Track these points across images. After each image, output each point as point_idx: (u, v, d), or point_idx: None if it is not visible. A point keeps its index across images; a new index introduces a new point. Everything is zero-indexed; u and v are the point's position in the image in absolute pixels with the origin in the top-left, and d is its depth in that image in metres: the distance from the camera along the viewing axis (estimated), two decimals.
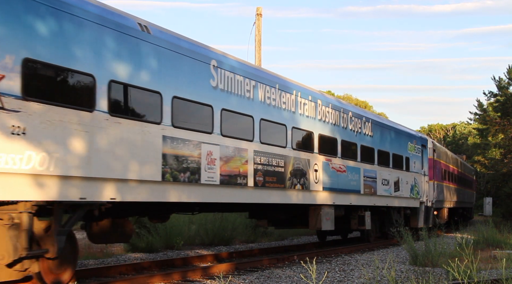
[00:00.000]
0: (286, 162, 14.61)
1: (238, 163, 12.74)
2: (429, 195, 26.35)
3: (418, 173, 24.60)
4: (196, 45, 12.08)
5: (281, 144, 14.56)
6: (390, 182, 21.24)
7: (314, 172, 15.82)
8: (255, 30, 24.33)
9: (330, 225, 16.92)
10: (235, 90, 12.86)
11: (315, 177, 15.86)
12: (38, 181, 8.33)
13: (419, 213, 24.97)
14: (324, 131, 16.60)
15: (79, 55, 9.06)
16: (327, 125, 16.79)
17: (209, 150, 11.81)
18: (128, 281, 10.85)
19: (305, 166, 15.46)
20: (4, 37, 7.93)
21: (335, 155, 17.24)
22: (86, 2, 9.45)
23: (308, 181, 15.54)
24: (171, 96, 10.98)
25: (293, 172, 14.86)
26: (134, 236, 18.13)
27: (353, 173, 18.24)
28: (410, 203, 23.73)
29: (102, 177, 9.39)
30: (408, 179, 23.22)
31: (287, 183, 14.62)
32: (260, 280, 11.71)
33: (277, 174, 14.19)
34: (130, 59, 10.10)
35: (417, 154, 24.73)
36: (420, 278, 10.33)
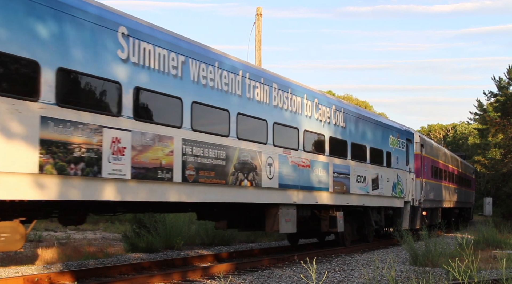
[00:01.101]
0: (229, 154, 12.31)
1: (160, 153, 10.44)
2: (416, 194, 23.87)
3: (402, 169, 22.12)
4: (99, 8, 9.71)
5: (222, 132, 12.24)
6: (367, 179, 18.85)
7: (267, 166, 13.56)
8: (255, 30, 24.24)
9: (291, 227, 14.78)
10: (156, 66, 10.53)
11: (269, 172, 13.62)
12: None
13: (404, 214, 22.52)
14: (281, 119, 14.29)
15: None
16: (285, 113, 14.47)
17: (115, 137, 9.53)
18: (128, 281, 10.68)
19: (255, 159, 13.18)
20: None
21: (296, 147, 14.89)
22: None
23: (259, 177, 13.26)
24: (55, 67, 8.66)
25: (238, 165, 12.57)
26: (134, 236, 18.14)
27: (319, 168, 15.91)
28: (393, 203, 21.30)
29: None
30: (389, 176, 20.76)
31: (230, 179, 12.29)
32: (260, 280, 11.56)
33: (216, 168, 11.87)
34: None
35: (401, 149, 22.24)
36: (420, 278, 10.07)
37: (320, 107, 16.18)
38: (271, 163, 13.76)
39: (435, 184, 28.31)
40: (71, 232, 24.49)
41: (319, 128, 16.10)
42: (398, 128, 22.38)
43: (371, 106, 72.85)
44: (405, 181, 22.36)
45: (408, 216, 22.78)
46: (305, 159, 15.22)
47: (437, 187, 28.89)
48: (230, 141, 12.45)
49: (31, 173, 8.26)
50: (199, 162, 11.49)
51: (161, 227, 17.99)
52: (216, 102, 12.14)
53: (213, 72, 12.09)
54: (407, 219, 22.66)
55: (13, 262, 13.87)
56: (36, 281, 10.41)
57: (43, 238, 20.52)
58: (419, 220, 24.24)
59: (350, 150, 17.80)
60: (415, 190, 23.76)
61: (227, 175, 12.28)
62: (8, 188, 8.02)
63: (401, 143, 22.20)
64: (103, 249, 16.89)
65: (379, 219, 20.64)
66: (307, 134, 15.46)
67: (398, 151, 21.84)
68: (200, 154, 11.52)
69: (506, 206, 43.91)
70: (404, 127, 23.71)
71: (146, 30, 10.56)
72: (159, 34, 10.89)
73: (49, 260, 14.36)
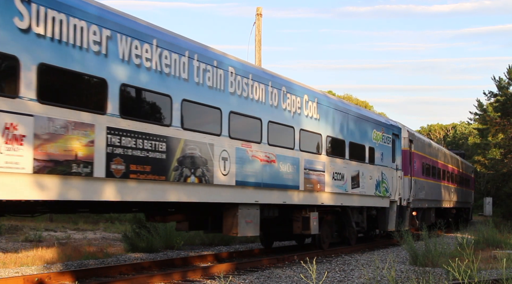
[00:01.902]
0: (171, 146, 10.56)
1: (76, 143, 8.74)
2: (404, 193, 22.04)
3: (387, 166, 20.34)
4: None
5: (162, 121, 10.50)
6: (345, 176, 17.12)
7: (221, 161, 11.83)
8: (255, 30, 24.19)
9: (252, 230, 13.10)
10: (71, 40, 8.81)
11: (223, 167, 11.89)
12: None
13: (389, 214, 20.67)
14: (239, 108, 12.54)
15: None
16: (245, 101, 12.75)
17: (10, 123, 7.87)
18: (128, 281, 10.58)
19: (205, 153, 11.42)
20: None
21: (259, 140, 13.19)
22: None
23: (210, 173, 11.53)
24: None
25: (183, 159, 10.84)
26: (134, 236, 18.12)
27: (287, 164, 14.20)
28: (376, 202, 19.52)
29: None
30: (372, 174, 18.98)
31: (172, 174, 10.54)
32: (260, 280, 11.46)
33: (153, 162, 10.10)
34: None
35: (386, 145, 20.41)
36: (420, 278, 10.02)
37: (288, 97, 14.49)
38: (226, 157, 12.03)
39: (427, 183, 26.49)
40: (71, 232, 24.44)
41: (287, 120, 14.38)
42: (383, 123, 20.63)
43: (371, 106, 72.55)
44: (390, 179, 20.66)
45: (395, 216, 20.99)
46: (269, 154, 13.51)
47: (430, 186, 27.09)
48: (172, 131, 10.67)
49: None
50: (130, 154, 9.71)
51: (161, 227, 17.67)
52: (154, 86, 10.35)
53: (150, 51, 10.29)
54: (393, 219, 20.90)
55: (13, 262, 13.88)
56: (36, 281, 10.24)
57: (43, 238, 20.36)
58: (408, 220, 22.58)
59: (325, 144, 16.10)
60: (403, 188, 22.03)
61: (168, 170, 10.51)
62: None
63: (386, 138, 20.47)
64: (103, 249, 16.80)
65: (361, 220, 18.96)
66: (273, 126, 13.76)
67: (383, 146, 20.13)
68: (132, 145, 9.74)
69: (506, 206, 43.74)
70: (391, 121, 22.02)
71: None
72: (73, 1, 9.05)
73: (49, 260, 14.12)
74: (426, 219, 26.59)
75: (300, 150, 14.82)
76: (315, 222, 15.70)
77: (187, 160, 11.03)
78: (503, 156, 40.60)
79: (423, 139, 27.35)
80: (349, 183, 17.44)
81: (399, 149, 21.74)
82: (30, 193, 8.22)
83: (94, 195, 9.21)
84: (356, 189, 17.84)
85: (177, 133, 10.82)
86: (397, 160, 21.52)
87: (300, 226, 15.58)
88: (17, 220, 25.91)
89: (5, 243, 18.87)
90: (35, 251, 16.00)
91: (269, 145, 13.59)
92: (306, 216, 15.53)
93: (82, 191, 8.99)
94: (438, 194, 29.30)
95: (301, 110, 15.03)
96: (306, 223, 15.51)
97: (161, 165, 10.38)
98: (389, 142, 20.76)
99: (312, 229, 15.55)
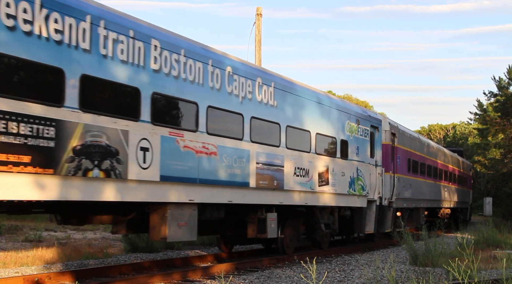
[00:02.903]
0: (64, 132, 8.45)
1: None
2: (385, 191, 19.85)
3: (363, 162, 18.13)
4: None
5: (48, 99, 8.32)
6: (311, 172, 14.95)
7: (139, 152, 9.68)
8: (255, 30, 24.16)
9: (187, 234, 10.98)
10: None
11: (143, 159, 9.74)
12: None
13: (367, 215, 18.53)
14: (165, 90, 10.36)
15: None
16: (173, 81, 10.55)
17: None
18: (128, 281, 10.45)
19: (115, 141, 9.25)
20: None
21: (194, 129, 11.02)
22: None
23: (124, 165, 9.35)
24: None
25: (82, 149, 8.69)
26: (134, 236, 18.13)
27: (233, 157, 12.04)
28: (351, 202, 17.34)
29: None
30: (345, 170, 16.80)
31: (64, 167, 8.41)
32: (260, 280, 11.33)
33: (35, 151, 7.99)
34: None
35: (363, 138, 18.20)
36: (420, 278, 9.82)
37: (236, 79, 12.32)
38: (147, 147, 9.89)
39: (415, 181, 24.17)
40: (71, 232, 24.37)
41: (233, 105, 12.22)
42: (360, 113, 18.34)
43: (371, 106, 72.40)
44: (368, 176, 18.43)
45: (374, 217, 18.86)
46: (209, 144, 11.36)
47: (418, 184, 24.78)
48: (66, 113, 8.52)
49: None
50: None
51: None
52: (38, 57, 8.20)
53: (30, 12, 8.13)
54: (372, 221, 18.78)
55: (13, 262, 13.88)
56: (36, 281, 10.08)
57: (43, 238, 20.22)
58: (390, 222, 20.43)
59: (285, 135, 13.90)
60: (384, 186, 19.81)
61: (59, 162, 8.36)
62: None
63: (363, 130, 18.22)
64: (103, 249, 16.71)
65: (332, 222, 16.74)
66: (213, 112, 11.60)
67: (359, 139, 17.88)
68: (1, 129, 7.60)
69: (506, 206, 43.56)
70: (369, 112, 19.84)
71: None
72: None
73: (49, 260, 13.91)
74: (414, 220, 24.25)
75: (251, 141, 12.66)
76: (273, 224, 13.65)
77: (89, 150, 8.85)
78: (503, 156, 40.40)
79: (410, 133, 24.77)
80: (316, 180, 15.22)
81: (379, 143, 19.56)
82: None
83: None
84: (324, 186, 15.67)
85: (73, 116, 8.65)
86: (376, 155, 19.33)
87: (256, 229, 13.52)
88: (17, 220, 25.89)
89: (5, 243, 18.78)
90: (35, 251, 15.89)
91: (209, 134, 11.39)
92: (262, 217, 13.48)
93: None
94: (429, 193, 26.98)
95: (253, 95, 12.83)
96: (262, 225, 13.46)
97: (48, 155, 8.22)
98: (367, 135, 18.50)
99: (269, 232, 13.46)
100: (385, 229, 19.95)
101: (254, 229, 13.59)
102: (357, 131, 17.75)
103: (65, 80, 8.61)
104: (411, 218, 24.12)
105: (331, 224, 16.75)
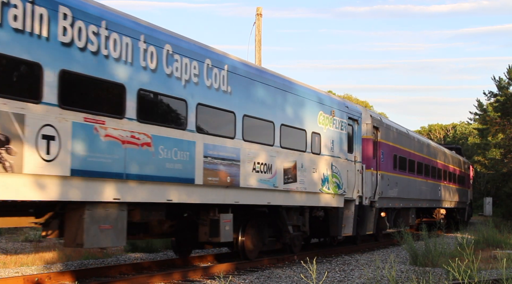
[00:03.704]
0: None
1: None
2: (366, 190, 18.11)
3: (340, 157, 16.29)
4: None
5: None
6: (274, 168, 13.21)
7: (41, 141, 8.01)
8: (255, 30, 24.16)
9: (111, 239, 9.34)
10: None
11: (45, 149, 8.08)
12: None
13: (345, 216, 16.68)
14: (79, 67, 8.67)
15: None
16: (92, 58, 8.88)
17: None
18: (128, 281, 10.26)
19: (5, 127, 7.62)
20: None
21: (119, 115, 9.30)
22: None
23: (17, 157, 7.72)
24: None
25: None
26: None
27: (173, 150, 10.27)
28: (324, 201, 15.50)
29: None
30: (316, 166, 14.99)
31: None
32: (260, 280, 11.16)
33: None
34: None
35: (339, 131, 16.38)
36: (421, 278, 9.78)
37: (177, 59, 10.54)
38: (52, 135, 8.21)
39: (402, 179, 22.32)
40: None
41: (174, 89, 10.45)
42: (335, 104, 16.40)
43: (371, 106, 72.56)
44: (345, 173, 16.58)
45: (353, 218, 17.07)
46: (140, 134, 9.65)
47: (407, 183, 22.95)
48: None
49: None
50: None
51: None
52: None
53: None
54: (350, 222, 16.96)
55: (13, 262, 13.88)
56: (36, 281, 9.99)
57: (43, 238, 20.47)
58: (373, 223, 18.80)
59: (242, 126, 12.23)
60: (365, 184, 18.07)
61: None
62: None
63: (339, 122, 16.41)
64: (103, 249, 16.89)
65: (302, 223, 15.08)
66: (147, 97, 9.90)
67: (334, 133, 16.09)
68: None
69: (506, 206, 43.40)
70: (347, 103, 17.87)
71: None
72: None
73: (49, 260, 13.79)
74: (402, 220, 22.33)
75: (197, 131, 10.93)
76: (228, 226, 11.98)
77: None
78: (503, 156, 40.27)
79: (396, 127, 22.62)
80: (281, 176, 13.48)
81: (358, 137, 17.75)
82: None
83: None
84: (291, 184, 13.92)
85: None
86: (355, 151, 17.48)
87: (208, 231, 11.82)
88: None
89: (5, 243, 18.75)
90: (35, 251, 15.99)
91: (140, 121, 9.66)
92: (215, 219, 11.82)
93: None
94: (419, 192, 25.09)
95: (199, 79, 11.09)
96: (214, 227, 11.80)
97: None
98: (344, 127, 16.68)
99: (222, 236, 11.79)
100: (366, 231, 18.25)
101: (206, 232, 11.86)
102: (331, 123, 15.95)
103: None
104: (398, 219, 22.37)
105: (301, 226, 15.10)
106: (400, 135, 22.72)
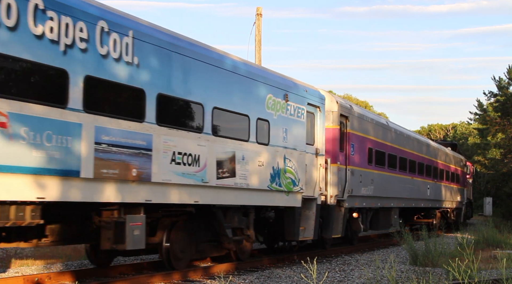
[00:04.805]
0: None
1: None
2: (331, 187, 15.71)
3: (295, 149, 13.97)
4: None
5: None
6: (203, 159, 10.97)
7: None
8: (255, 30, 24.14)
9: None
10: None
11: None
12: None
13: (303, 217, 14.45)
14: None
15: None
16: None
17: None
18: (128, 281, 10.16)
19: None
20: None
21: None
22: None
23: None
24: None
25: None
26: None
27: (45, 133, 8.06)
28: (276, 200, 13.38)
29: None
30: (264, 159, 12.80)
31: None
32: (260, 280, 11.09)
33: None
34: None
35: (296, 118, 14.09)
36: (421, 278, 9.69)
37: (52, 17, 8.25)
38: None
39: (381, 175, 19.81)
40: None
41: (47, 56, 8.19)
42: (289, 86, 13.96)
43: (371, 106, 72.46)
44: (302, 168, 14.22)
45: (314, 219, 14.72)
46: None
47: (386, 180, 20.45)
48: None
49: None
50: None
51: None
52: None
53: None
54: (311, 224, 14.64)
55: (13, 262, 13.88)
56: (36, 281, 9.77)
57: None
58: (341, 225, 16.43)
59: (156, 107, 9.97)
60: (331, 181, 15.74)
61: None
62: None
63: (295, 108, 14.10)
64: None
65: (245, 226, 12.95)
66: (4, 63, 7.66)
67: (289, 120, 13.83)
68: None
69: (506, 206, 43.63)
70: (306, 87, 15.03)
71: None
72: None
73: (49, 260, 13.92)
74: (381, 222, 20.18)
75: (85, 110, 8.67)
76: (138, 230, 9.68)
77: None
78: (503, 156, 40.22)
79: (372, 117, 19.83)
80: (213, 170, 11.22)
81: (321, 126, 15.28)
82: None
83: None
84: (228, 179, 11.71)
85: None
86: (317, 142, 15.07)
87: (112, 237, 9.47)
88: None
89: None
90: (35, 251, 15.99)
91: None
92: (120, 221, 9.50)
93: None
94: (404, 190, 22.51)
95: (90, 45, 8.80)
96: (120, 231, 9.46)
97: None
98: (301, 115, 14.36)
99: (129, 242, 9.46)
100: (332, 234, 15.88)
101: (110, 237, 9.50)
102: (285, 109, 13.65)
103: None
104: (377, 220, 19.96)
105: (244, 228, 12.94)
106: (378, 126, 19.84)
